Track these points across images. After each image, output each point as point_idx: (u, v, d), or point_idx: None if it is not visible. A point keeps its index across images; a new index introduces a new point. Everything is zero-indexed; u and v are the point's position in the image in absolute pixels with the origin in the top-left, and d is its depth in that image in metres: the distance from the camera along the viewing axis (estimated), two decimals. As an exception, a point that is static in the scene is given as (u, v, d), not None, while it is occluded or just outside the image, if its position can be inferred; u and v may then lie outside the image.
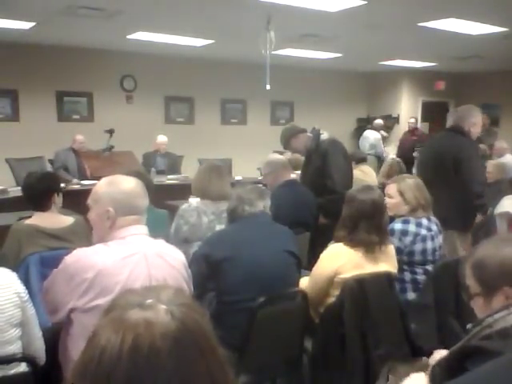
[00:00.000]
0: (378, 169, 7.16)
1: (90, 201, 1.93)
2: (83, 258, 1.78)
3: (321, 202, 3.96)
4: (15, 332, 1.80)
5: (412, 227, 2.90)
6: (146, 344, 0.78)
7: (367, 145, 9.41)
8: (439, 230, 3.04)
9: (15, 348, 1.82)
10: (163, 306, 0.83)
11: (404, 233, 2.88)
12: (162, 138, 7.35)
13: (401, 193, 2.97)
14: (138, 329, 0.80)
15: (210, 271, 2.43)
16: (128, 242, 1.85)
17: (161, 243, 1.97)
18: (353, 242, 2.54)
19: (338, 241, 2.61)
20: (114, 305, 0.86)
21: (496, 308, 1.34)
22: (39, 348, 1.91)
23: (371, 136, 9.57)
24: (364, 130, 9.95)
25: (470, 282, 1.43)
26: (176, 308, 0.84)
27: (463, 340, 1.37)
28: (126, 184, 1.92)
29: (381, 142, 9.64)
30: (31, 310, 1.90)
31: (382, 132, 9.90)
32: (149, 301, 0.84)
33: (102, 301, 1.69)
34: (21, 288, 1.84)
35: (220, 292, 2.46)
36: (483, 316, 1.37)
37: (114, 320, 0.82)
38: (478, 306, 1.43)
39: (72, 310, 1.77)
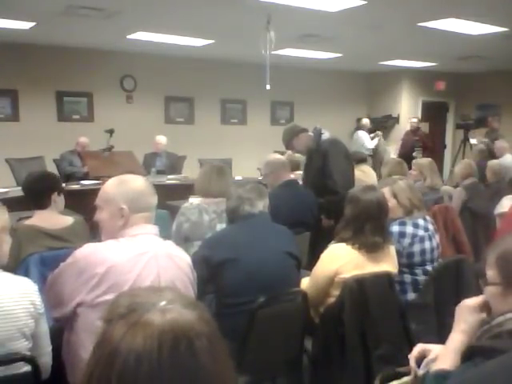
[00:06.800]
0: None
1: (99, 202, 1.95)
2: (94, 253, 1.79)
3: (322, 202, 3.95)
4: (25, 343, 1.78)
5: (409, 229, 2.90)
6: (184, 345, 0.77)
7: (371, 145, 9.45)
8: (435, 229, 3.03)
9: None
10: (183, 307, 0.82)
11: (402, 235, 2.88)
12: (158, 139, 7.42)
13: (394, 195, 2.97)
14: (172, 330, 0.78)
15: (209, 273, 2.42)
16: (138, 240, 1.87)
17: (169, 244, 1.99)
18: (358, 245, 2.53)
19: (341, 241, 2.60)
20: (125, 309, 0.81)
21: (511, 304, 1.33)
22: (46, 363, 1.89)
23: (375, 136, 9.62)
24: (357, 131, 9.96)
25: (491, 270, 1.40)
26: (193, 309, 0.83)
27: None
28: (137, 182, 1.97)
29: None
30: (45, 325, 1.88)
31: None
32: (164, 303, 0.82)
33: (111, 296, 1.68)
34: (38, 300, 1.82)
35: (220, 294, 2.45)
36: (496, 307, 1.36)
37: (140, 325, 0.78)
38: (493, 294, 1.40)
39: (79, 305, 1.77)
